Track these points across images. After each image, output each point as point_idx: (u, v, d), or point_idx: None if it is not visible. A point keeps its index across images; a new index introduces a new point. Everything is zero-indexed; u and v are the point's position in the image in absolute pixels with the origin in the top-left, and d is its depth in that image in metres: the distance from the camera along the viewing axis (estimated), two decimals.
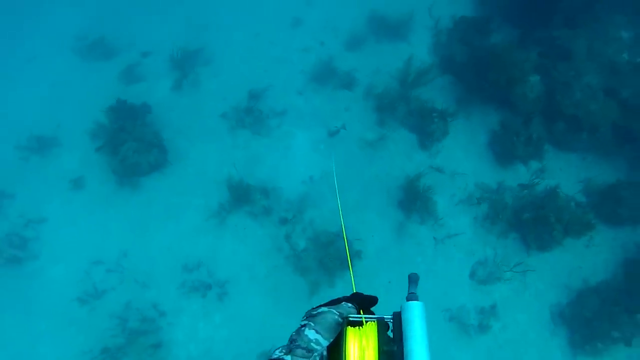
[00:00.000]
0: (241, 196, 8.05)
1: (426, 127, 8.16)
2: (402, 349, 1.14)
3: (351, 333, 1.24)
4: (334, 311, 1.29)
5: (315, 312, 1.30)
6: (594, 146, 7.92)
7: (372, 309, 1.41)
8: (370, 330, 1.24)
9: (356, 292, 1.43)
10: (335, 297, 1.40)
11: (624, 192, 7.33)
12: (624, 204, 7.29)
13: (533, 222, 7.31)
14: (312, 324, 1.25)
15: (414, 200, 7.68)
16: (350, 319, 1.29)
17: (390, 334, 1.24)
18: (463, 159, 8.06)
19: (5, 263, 7.77)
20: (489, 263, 7.35)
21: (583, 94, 7.82)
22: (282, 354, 1.18)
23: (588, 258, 7.37)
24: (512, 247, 7.45)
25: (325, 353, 1.22)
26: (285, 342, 1.27)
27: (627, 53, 8.16)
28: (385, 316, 1.28)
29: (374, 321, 1.28)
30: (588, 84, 7.91)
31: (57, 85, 9.62)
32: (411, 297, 1.28)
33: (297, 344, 1.20)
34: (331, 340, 1.23)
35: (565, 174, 7.92)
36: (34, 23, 10.43)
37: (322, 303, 1.36)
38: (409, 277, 1.40)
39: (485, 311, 7.11)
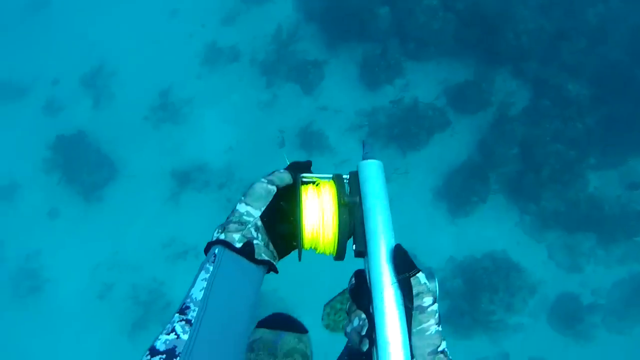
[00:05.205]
0: (183, 178, 10.12)
1: (305, 77, 9.84)
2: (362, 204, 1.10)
3: (305, 189, 1.18)
4: (262, 179, 1.25)
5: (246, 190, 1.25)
6: (445, 54, 9.63)
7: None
8: (327, 185, 1.19)
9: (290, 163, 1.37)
10: None
11: (469, 90, 9.30)
12: (470, 99, 9.32)
13: (402, 134, 9.44)
14: (243, 198, 1.22)
15: (310, 140, 9.73)
16: (304, 180, 1.20)
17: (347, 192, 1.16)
18: (341, 94, 9.89)
19: (28, 293, 10.06)
20: None
21: (425, 15, 9.31)
22: (218, 233, 1.18)
23: (453, 145, 9.56)
24: (393, 155, 9.62)
25: (259, 223, 1.20)
26: None
27: None
28: (342, 174, 1.21)
29: (330, 179, 1.21)
30: (428, 6, 9.35)
31: None
32: (367, 156, 1.23)
33: (229, 219, 1.20)
34: (263, 209, 1.20)
35: (426, 81, 9.74)
36: None
37: None
38: (363, 142, 1.32)
39: None
